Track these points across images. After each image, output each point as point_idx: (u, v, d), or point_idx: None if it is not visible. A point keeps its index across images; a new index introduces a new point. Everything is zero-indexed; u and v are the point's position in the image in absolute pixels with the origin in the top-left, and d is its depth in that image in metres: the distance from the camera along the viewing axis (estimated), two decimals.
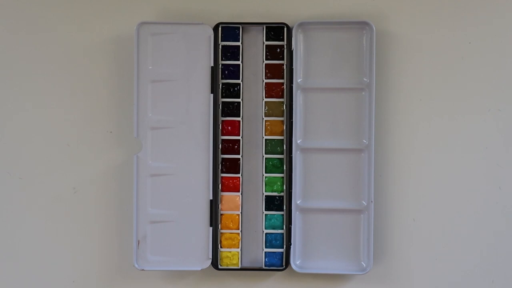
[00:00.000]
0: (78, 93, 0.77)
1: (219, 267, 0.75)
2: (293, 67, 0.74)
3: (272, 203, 0.75)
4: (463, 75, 0.76)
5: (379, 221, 0.75)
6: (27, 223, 0.76)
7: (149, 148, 0.74)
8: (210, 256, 0.74)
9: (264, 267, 0.75)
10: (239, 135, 0.75)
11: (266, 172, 0.75)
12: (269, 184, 0.75)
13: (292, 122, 0.74)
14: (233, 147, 0.75)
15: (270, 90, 0.75)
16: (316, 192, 0.75)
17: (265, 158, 0.75)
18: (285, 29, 0.74)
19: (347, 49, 0.74)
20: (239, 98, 0.75)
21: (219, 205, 0.75)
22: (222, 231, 0.75)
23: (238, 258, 0.75)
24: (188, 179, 0.74)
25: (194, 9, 0.77)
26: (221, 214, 0.75)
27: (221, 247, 0.75)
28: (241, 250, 0.75)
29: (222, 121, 0.75)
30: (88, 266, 0.76)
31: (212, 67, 0.74)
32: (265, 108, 0.75)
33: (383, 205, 0.75)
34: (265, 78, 0.75)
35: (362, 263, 0.74)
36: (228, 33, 0.75)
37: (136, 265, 0.74)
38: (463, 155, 0.75)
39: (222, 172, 0.75)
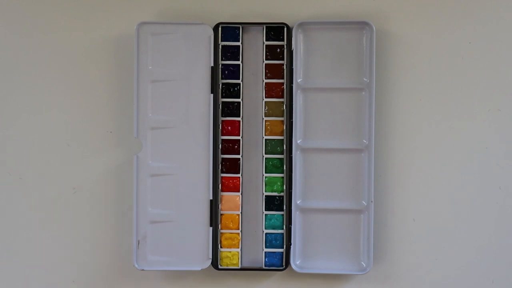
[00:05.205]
0: (78, 93, 0.77)
1: (219, 267, 0.75)
2: (293, 67, 0.74)
3: (272, 203, 0.75)
4: (463, 75, 0.76)
5: (379, 221, 0.75)
6: (27, 223, 0.76)
7: (149, 148, 0.74)
8: (210, 256, 0.74)
9: (264, 267, 0.75)
10: (239, 135, 0.75)
11: (266, 172, 0.75)
12: (269, 184, 0.75)
13: (292, 122, 0.74)
14: (233, 147, 0.75)
15: (270, 90, 0.75)
16: (316, 192, 0.75)
17: (265, 158, 0.75)
18: (285, 29, 0.74)
19: (347, 49, 0.74)
20: (239, 98, 0.75)
21: (219, 205, 0.75)
22: (222, 231, 0.75)
23: (238, 258, 0.75)
24: (188, 179, 0.74)
25: (194, 9, 0.77)
26: (221, 214, 0.75)
27: (221, 247, 0.75)
28: (241, 250, 0.75)
29: (222, 121, 0.75)
30: (88, 266, 0.76)
31: (212, 67, 0.74)
32: (265, 108, 0.75)
33: (383, 205, 0.75)
34: (265, 78, 0.75)
35: (362, 263, 0.74)
36: (228, 33, 0.75)
37: (136, 265, 0.74)
38: (463, 155, 0.75)
39: (222, 172, 0.75)
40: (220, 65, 0.75)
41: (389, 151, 0.76)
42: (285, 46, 0.75)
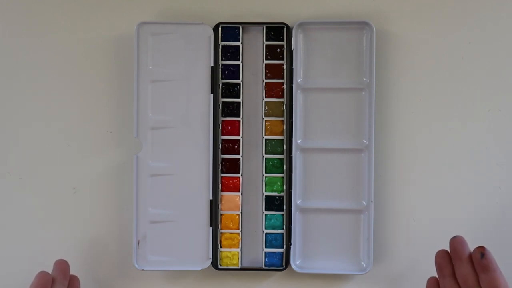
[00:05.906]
0: (78, 93, 0.76)
1: (219, 267, 0.74)
2: (293, 67, 0.74)
3: (272, 203, 0.75)
4: (463, 75, 0.76)
5: (379, 221, 0.75)
6: (27, 223, 0.76)
7: (149, 148, 0.74)
8: (210, 256, 0.74)
9: (264, 267, 0.75)
10: (239, 135, 0.75)
11: (266, 172, 0.75)
12: (269, 184, 0.75)
13: (292, 122, 0.74)
14: (233, 147, 0.75)
15: (270, 90, 0.75)
16: (316, 192, 0.75)
17: (265, 158, 0.75)
18: (285, 29, 0.74)
19: (347, 49, 0.74)
20: (239, 98, 0.75)
21: (219, 205, 0.75)
22: (222, 231, 0.75)
23: (238, 258, 0.75)
24: (188, 179, 0.74)
25: (194, 9, 0.77)
26: (221, 214, 0.75)
27: (221, 247, 0.75)
28: (241, 250, 0.75)
29: (222, 121, 0.75)
30: (88, 266, 0.76)
31: (212, 67, 0.74)
32: (265, 108, 0.75)
33: (383, 205, 0.75)
34: (265, 78, 0.75)
35: (362, 263, 0.74)
36: (228, 33, 0.75)
37: (136, 265, 0.74)
38: (463, 155, 0.75)
39: (222, 172, 0.75)
40: (220, 65, 0.75)
41: (389, 151, 0.76)
42: (285, 46, 0.75)
